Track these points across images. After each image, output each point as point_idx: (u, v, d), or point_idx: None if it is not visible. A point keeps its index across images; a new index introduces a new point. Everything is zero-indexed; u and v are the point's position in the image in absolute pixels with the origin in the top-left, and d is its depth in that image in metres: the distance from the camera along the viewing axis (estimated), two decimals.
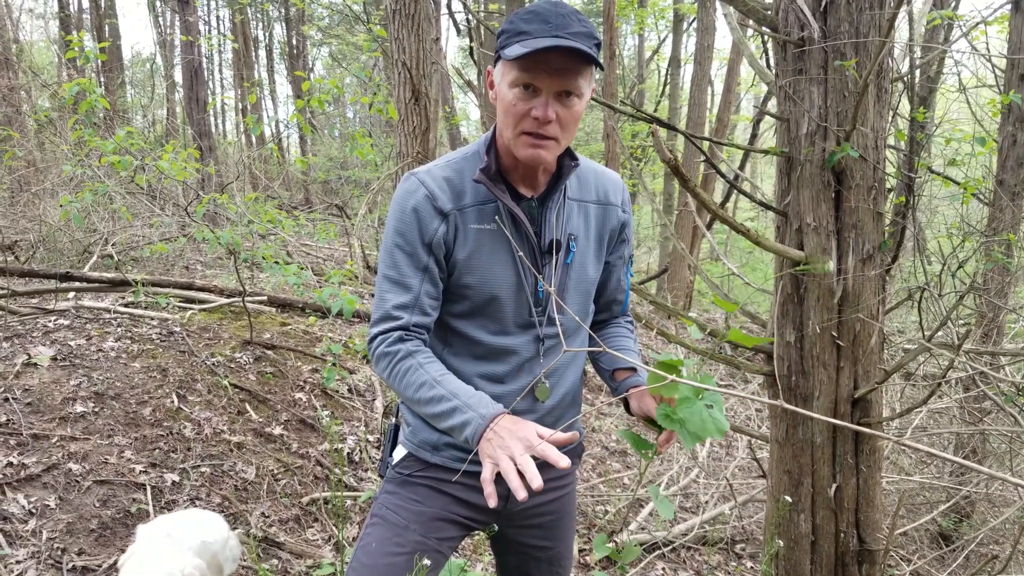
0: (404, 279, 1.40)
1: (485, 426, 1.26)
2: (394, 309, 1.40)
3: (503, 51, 1.30)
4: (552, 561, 1.69)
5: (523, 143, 1.34)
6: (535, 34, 1.26)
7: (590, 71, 1.33)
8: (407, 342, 1.40)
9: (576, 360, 1.59)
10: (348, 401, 4.21)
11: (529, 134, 1.33)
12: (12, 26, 11.55)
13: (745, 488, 4.56)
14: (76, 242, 6.68)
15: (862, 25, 2.32)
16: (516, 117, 1.32)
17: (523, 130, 1.33)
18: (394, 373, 1.38)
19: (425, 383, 1.34)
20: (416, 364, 1.37)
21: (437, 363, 1.39)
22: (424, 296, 1.41)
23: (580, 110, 1.34)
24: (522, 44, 1.26)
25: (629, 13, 11.79)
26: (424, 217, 1.39)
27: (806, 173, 2.44)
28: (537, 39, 1.25)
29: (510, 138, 1.36)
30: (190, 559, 1.56)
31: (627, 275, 1.65)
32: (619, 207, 1.56)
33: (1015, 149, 4.42)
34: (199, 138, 10.23)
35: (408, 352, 1.38)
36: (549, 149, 1.35)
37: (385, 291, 1.42)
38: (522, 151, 1.35)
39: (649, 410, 1.39)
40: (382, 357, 1.40)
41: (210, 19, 22.36)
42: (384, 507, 1.53)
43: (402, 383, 1.37)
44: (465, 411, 1.29)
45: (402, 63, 4.13)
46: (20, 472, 2.71)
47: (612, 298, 1.65)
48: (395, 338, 1.39)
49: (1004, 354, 3.99)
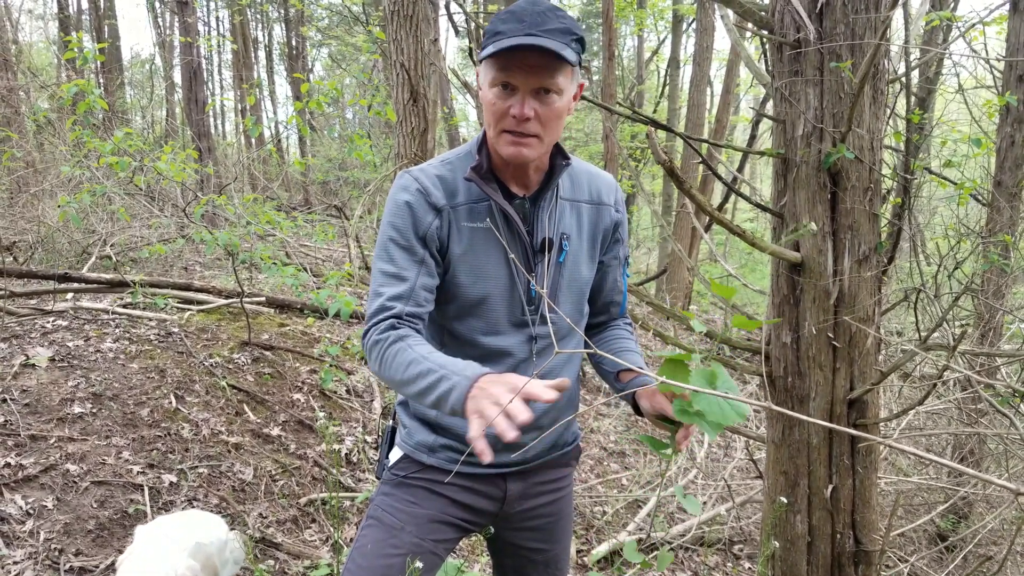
0: (400, 272, 1.39)
1: (470, 386, 1.20)
2: (388, 300, 1.38)
3: (482, 52, 1.32)
4: (549, 563, 1.69)
5: (504, 141, 1.35)
6: (508, 33, 1.28)
7: (570, 68, 1.33)
8: (398, 329, 1.36)
9: (572, 361, 1.58)
10: (346, 402, 4.21)
11: (509, 132, 1.34)
12: (11, 27, 11.55)
13: (743, 489, 4.57)
14: (74, 243, 6.68)
15: (858, 27, 2.32)
16: (496, 116, 1.34)
17: (503, 128, 1.34)
18: (384, 359, 1.34)
19: (413, 360, 1.29)
20: (405, 346, 1.32)
21: (427, 345, 1.35)
22: (420, 288, 1.40)
23: (561, 107, 1.34)
24: (494, 44, 1.28)
25: (628, 14, 11.80)
26: (418, 211, 1.39)
27: (802, 175, 2.44)
28: (509, 38, 1.27)
29: (493, 137, 1.37)
30: (184, 560, 1.56)
31: (624, 276, 1.65)
32: (612, 207, 1.56)
33: (1013, 150, 4.42)
34: (198, 139, 10.24)
35: (398, 336, 1.34)
36: (531, 147, 1.35)
37: (380, 285, 1.40)
38: (504, 149, 1.36)
39: (662, 408, 1.36)
40: (373, 346, 1.36)
41: (209, 20, 22.37)
42: (380, 509, 1.53)
43: (391, 366, 1.32)
44: (451, 377, 1.23)
45: (400, 64, 4.14)
46: (18, 473, 2.71)
47: (609, 299, 1.65)
48: (386, 325, 1.36)
49: (1000, 355, 4.00)
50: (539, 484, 1.61)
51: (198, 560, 1.60)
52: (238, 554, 1.76)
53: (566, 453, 1.65)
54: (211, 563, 1.64)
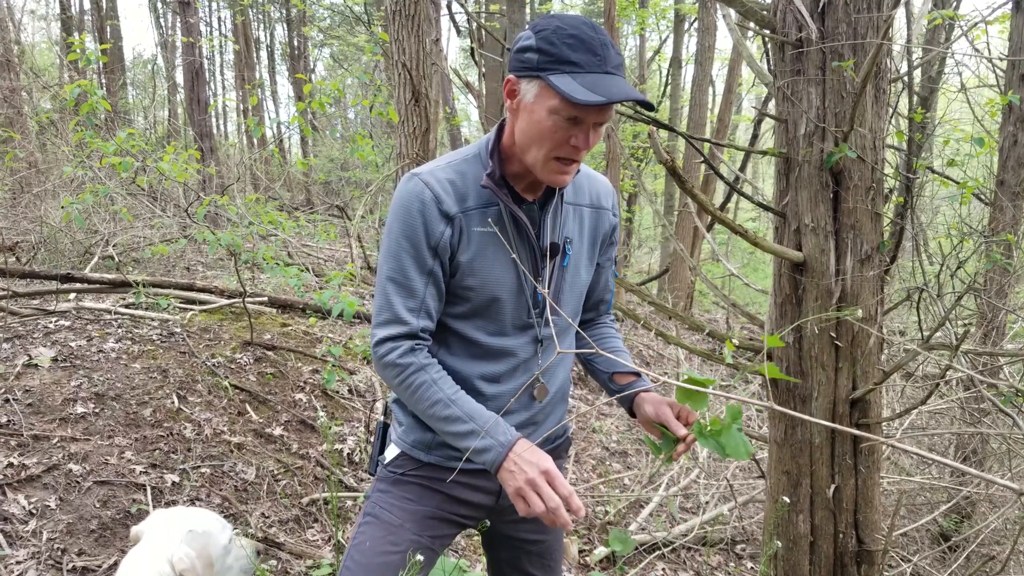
0: (409, 282, 1.40)
1: (505, 454, 1.32)
2: (401, 312, 1.40)
3: (548, 76, 1.27)
4: (543, 554, 1.71)
5: (553, 168, 1.35)
6: (586, 67, 1.26)
7: None
8: (418, 353, 1.41)
9: (566, 358, 1.63)
10: (348, 402, 4.22)
11: (562, 160, 1.34)
12: (14, 27, 11.57)
13: (745, 488, 4.56)
14: (77, 243, 6.69)
15: (860, 26, 2.32)
16: (553, 143, 1.32)
17: (558, 156, 1.34)
18: (405, 385, 1.41)
19: (439, 401, 1.37)
20: (430, 380, 1.39)
21: (448, 378, 1.41)
22: (428, 299, 1.41)
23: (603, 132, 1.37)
24: (577, 80, 1.25)
25: (630, 14, 11.79)
26: (430, 220, 1.38)
27: (804, 174, 2.44)
28: (589, 74, 1.26)
29: (538, 159, 1.35)
30: (181, 548, 1.58)
31: (612, 275, 1.71)
32: (610, 211, 1.60)
33: (1015, 149, 4.41)
34: (200, 139, 10.25)
35: (420, 366, 1.40)
36: (572, 172, 1.38)
37: (390, 293, 1.41)
38: (549, 176, 1.36)
39: (666, 419, 1.44)
40: (391, 366, 1.41)
41: (211, 20, 22.40)
42: (377, 506, 1.54)
43: (414, 397, 1.40)
44: (484, 437, 1.34)
45: (402, 64, 4.14)
46: (21, 473, 2.71)
47: (600, 298, 1.71)
48: (406, 348, 1.40)
49: (1003, 355, 3.99)
50: None
51: (193, 548, 1.61)
52: (245, 563, 1.75)
53: (558, 446, 1.70)
54: (207, 552, 1.64)
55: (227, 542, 1.71)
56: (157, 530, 1.62)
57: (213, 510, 2.93)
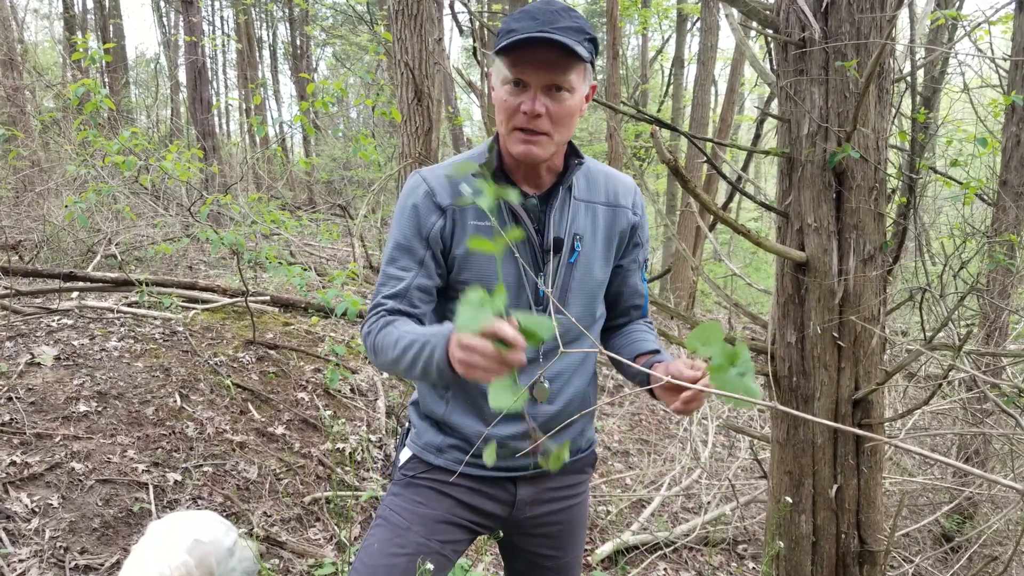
0: (398, 272, 1.42)
1: (447, 340, 1.21)
2: (383, 298, 1.42)
3: (495, 49, 1.32)
4: (560, 571, 1.65)
5: (515, 139, 1.35)
6: (521, 31, 1.28)
7: (582, 66, 1.32)
8: (386, 317, 1.39)
9: (584, 365, 1.54)
10: (350, 401, 4.22)
11: (520, 129, 1.34)
12: (17, 26, 11.58)
13: (747, 489, 4.56)
14: (80, 242, 6.70)
15: (863, 26, 2.32)
16: (507, 113, 1.34)
17: (514, 126, 1.34)
18: (376, 346, 1.37)
19: (398, 338, 1.32)
20: (391, 328, 1.35)
21: (412, 323, 1.37)
22: (414, 288, 1.41)
23: (572, 105, 1.34)
24: (506, 39, 1.28)
25: (632, 13, 11.79)
26: (423, 212, 1.41)
27: (807, 174, 2.44)
28: (523, 35, 1.27)
29: (504, 135, 1.37)
30: (180, 556, 1.58)
31: (643, 279, 1.62)
32: (629, 209, 1.52)
33: (1019, 149, 4.40)
34: (203, 138, 10.26)
35: (387, 322, 1.38)
36: (541, 145, 1.35)
37: (380, 284, 1.44)
38: (514, 147, 1.36)
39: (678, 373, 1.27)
40: (366, 338, 1.41)
41: (214, 20, 22.44)
42: (388, 509, 1.53)
43: (382, 350, 1.35)
44: (430, 339, 1.26)
45: (405, 63, 4.14)
46: (23, 471, 2.72)
47: (631, 303, 1.61)
48: (377, 316, 1.40)
49: (1006, 355, 3.98)
50: (551, 490, 1.58)
51: (194, 557, 1.61)
52: (249, 564, 1.75)
53: (580, 459, 1.61)
54: (207, 561, 1.65)
55: (231, 544, 1.72)
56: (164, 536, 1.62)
57: (215, 509, 2.94)
